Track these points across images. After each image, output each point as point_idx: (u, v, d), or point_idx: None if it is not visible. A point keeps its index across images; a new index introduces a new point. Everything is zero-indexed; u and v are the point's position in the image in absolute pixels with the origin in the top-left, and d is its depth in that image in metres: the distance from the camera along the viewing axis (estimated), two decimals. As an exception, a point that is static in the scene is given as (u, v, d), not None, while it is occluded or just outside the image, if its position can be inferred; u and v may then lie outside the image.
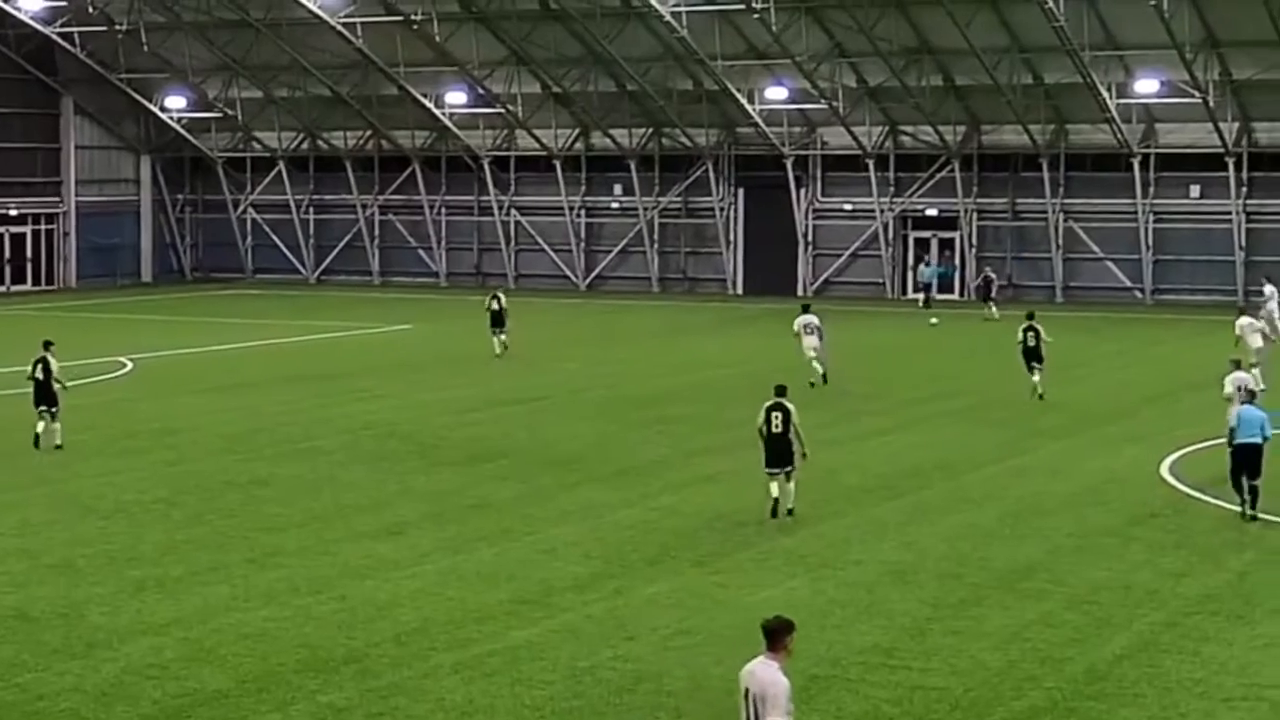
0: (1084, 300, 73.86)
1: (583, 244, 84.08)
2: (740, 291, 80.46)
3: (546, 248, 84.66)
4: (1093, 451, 35.77)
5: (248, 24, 78.66)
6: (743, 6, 69.93)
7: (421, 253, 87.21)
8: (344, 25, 76.01)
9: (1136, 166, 73.34)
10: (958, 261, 78.16)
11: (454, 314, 70.31)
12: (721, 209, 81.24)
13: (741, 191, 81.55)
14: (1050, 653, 20.91)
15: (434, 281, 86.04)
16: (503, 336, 54.10)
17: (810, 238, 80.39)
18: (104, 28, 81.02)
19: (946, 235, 78.93)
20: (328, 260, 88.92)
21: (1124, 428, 38.86)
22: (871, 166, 77.95)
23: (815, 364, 46.17)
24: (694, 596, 23.52)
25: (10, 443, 36.62)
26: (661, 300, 77.76)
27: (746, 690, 14.40)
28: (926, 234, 79.57)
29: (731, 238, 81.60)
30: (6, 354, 54.11)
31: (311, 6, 74.95)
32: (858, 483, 32.19)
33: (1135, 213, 73.99)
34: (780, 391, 29.45)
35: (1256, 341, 44.46)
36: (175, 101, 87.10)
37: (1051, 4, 64.55)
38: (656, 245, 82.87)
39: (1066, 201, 75.73)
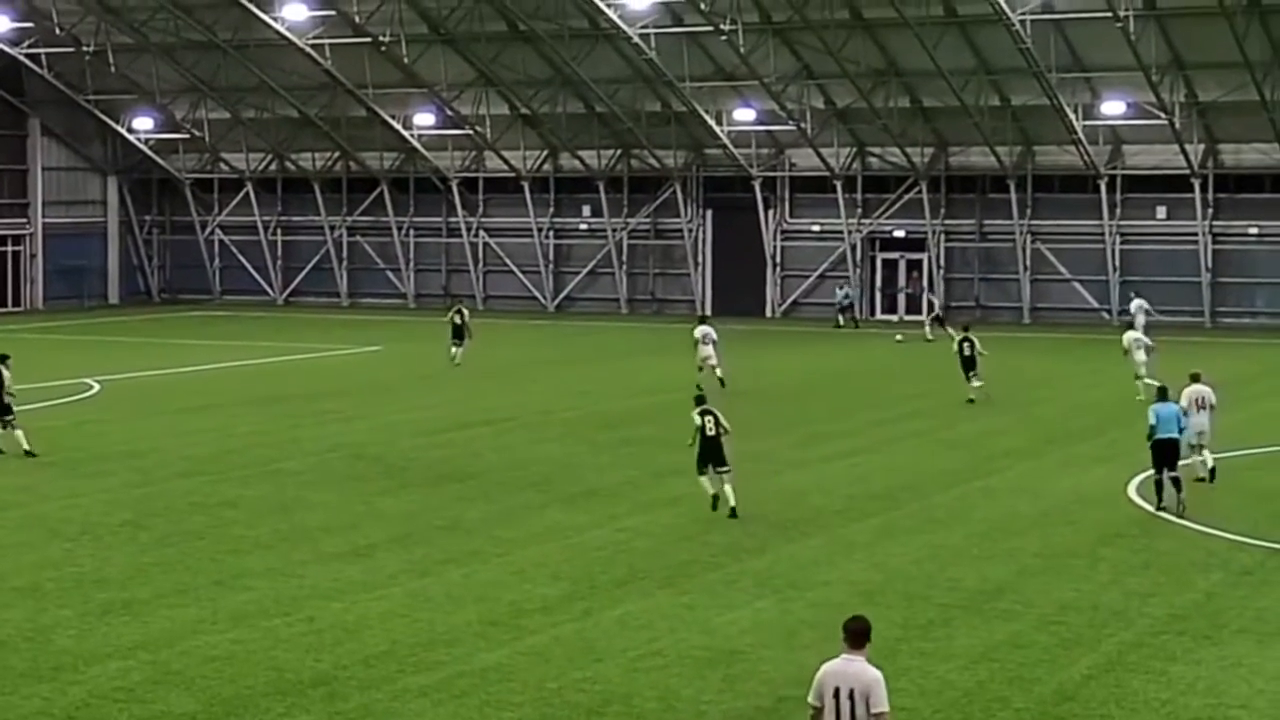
0: (1051, 321, 74.13)
1: (551, 265, 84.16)
2: (709, 313, 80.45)
3: (515, 269, 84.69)
4: (1060, 472, 35.85)
5: (215, 45, 78.62)
6: (711, 28, 70.18)
7: (390, 274, 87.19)
8: (312, 46, 76.03)
9: (1103, 188, 73.67)
10: (925, 283, 78.32)
11: (423, 335, 70.20)
12: (690, 230, 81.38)
13: (710, 213, 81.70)
14: (1019, 673, 20.93)
15: (402, 303, 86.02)
16: (460, 349, 56.77)
17: (778, 259, 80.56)
18: (71, 49, 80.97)
19: (914, 256, 79.15)
20: (296, 282, 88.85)
21: (1091, 448, 38.97)
22: (839, 188, 78.16)
23: (715, 370, 49.02)
24: (663, 618, 23.50)
25: (-24, 465, 36.49)
26: (630, 321, 77.84)
27: (837, 689, 14.59)
28: (894, 255, 79.80)
29: (700, 259, 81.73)
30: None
31: (279, 28, 74.95)
32: (825, 504, 32.21)
33: (1102, 234, 74.32)
34: (701, 400, 32.68)
35: (1141, 356, 47.37)
36: (143, 123, 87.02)
37: (1018, 26, 64.85)
38: (625, 266, 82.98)
39: (1034, 223, 76.02)
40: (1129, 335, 48.99)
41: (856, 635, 14.83)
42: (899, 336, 64.53)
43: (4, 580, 25.61)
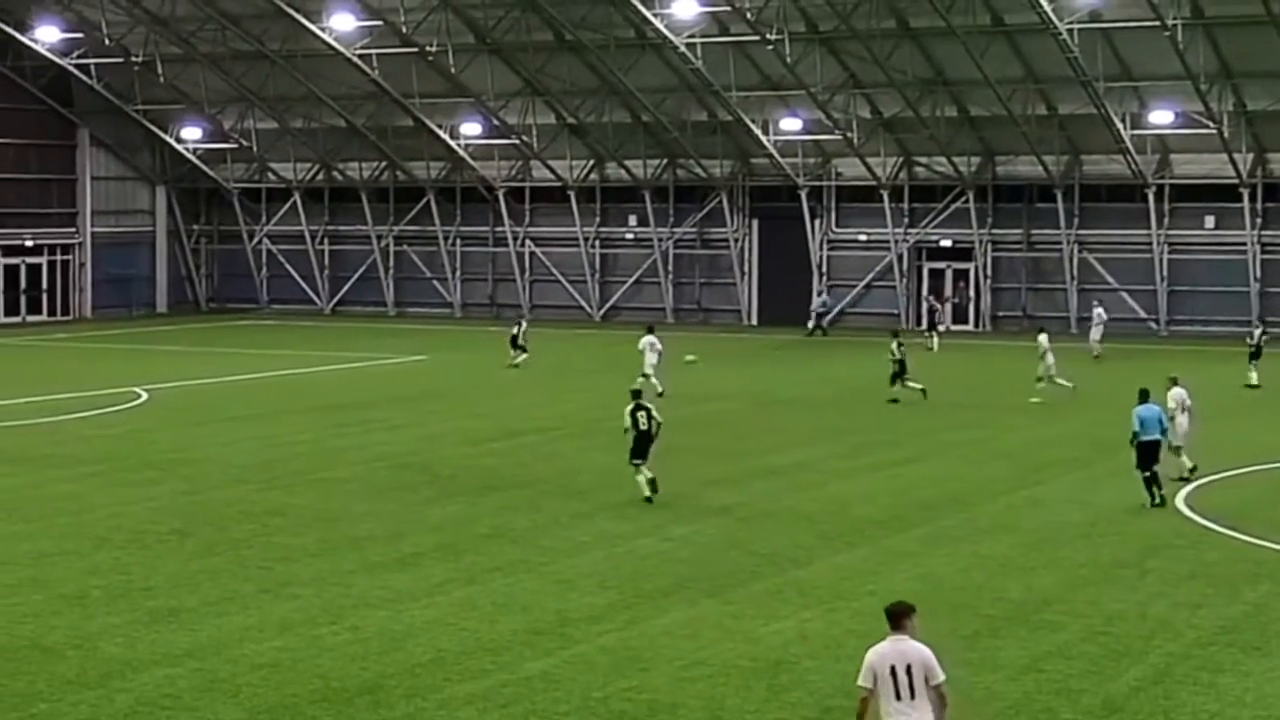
0: (1099, 331, 73.77)
1: (597, 275, 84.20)
2: (755, 322, 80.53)
3: (561, 278, 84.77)
4: (1108, 482, 35.70)
5: (263, 55, 78.95)
6: (757, 38, 70.15)
7: (436, 283, 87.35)
8: (359, 56, 76.28)
9: (1151, 197, 73.39)
10: (972, 293, 78.20)
11: (469, 344, 70.41)
12: (736, 240, 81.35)
13: (756, 222, 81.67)
14: (1066, 684, 20.85)
15: (449, 312, 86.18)
16: (518, 357, 59.33)
17: (825, 268, 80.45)
18: (120, 59, 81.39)
19: (961, 266, 78.98)
20: (343, 291, 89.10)
21: (1139, 459, 38.79)
22: (886, 197, 78.04)
23: (653, 380, 50.01)
24: (709, 627, 23.48)
25: (25, 475, 36.66)
26: (676, 331, 77.78)
27: (893, 667, 15.29)
28: (941, 265, 79.62)
29: (746, 268, 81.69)
30: (23, 385, 54.31)
31: (327, 38, 75.24)
32: (869, 514, 32.15)
33: (1150, 244, 74.03)
34: (636, 394, 35.17)
35: (1049, 358, 49.54)
36: (191, 132, 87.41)
37: (1066, 35, 64.65)
38: (671, 276, 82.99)
39: (1081, 232, 75.78)
40: (1043, 338, 50.83)
41: (899, 617, 15.60)
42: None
43: (52, 588, 25.73)
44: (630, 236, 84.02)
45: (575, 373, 59.27)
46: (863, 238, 79.96)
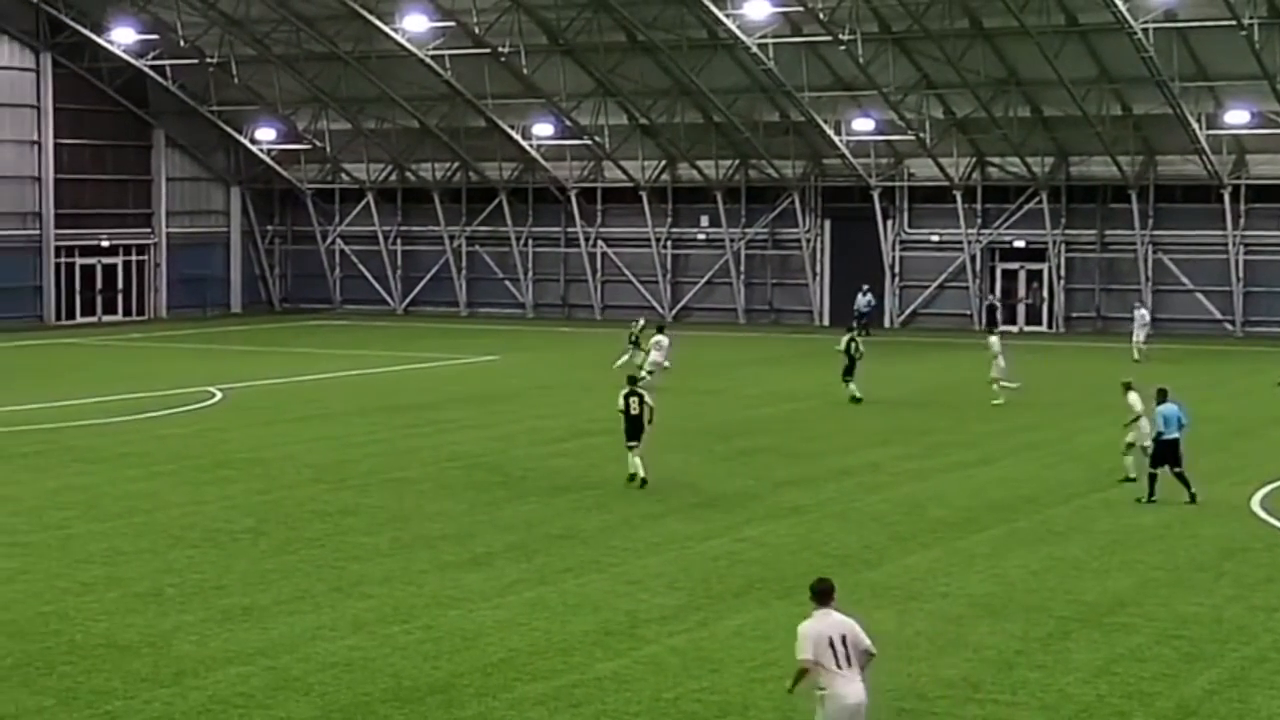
0: (1173, 333, 73.24)
1: (669, 275, 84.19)
2: (826, 323, 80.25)
3: (632, 279, 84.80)
4: (1182, 484, 35.44)
5: (337, 57, 79.31)
6: (830, 38, 70.03)
7: (508, 284, 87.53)
8: (432, 58, 76.52)
9: (1227, 198, 72.88)
10: (1045, 294, 77.88)
11: (540, 345, 70.53)
12: (808, 240, 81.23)
13: (828, 223, 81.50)
14: (1139, 687, 20.73)
15: (520, 313, 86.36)
16: (637, 356, 56.14)
17: (897, 269, 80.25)
18: (195, 61, 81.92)
19: (1034, 267, 78.64)
20: (415, 291, 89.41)
21: (1214, 461, 38.44)
22: (959, 198, 77.77)
23: (652, 373, 51.84)
24: (780, 629, 23.39)
25: (101, 474, 36.93)
26: (747, 332, 77.74)
27: (830, 639, 16.62)
28: (1014, 265, 79.28)
29: (817, 269, 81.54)
30: (99, 384, 54.72)
31: (400, 39, 75.52)
32: (942, 515, 32.04)
33: (1226, 244, 73.50)
34: (632, 381, 36.74)
35: (1001, 363, 49.71)
36: (265, 133, 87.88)
37: (1140, 35, 64.27)
38: (743, 276, 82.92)
39: (1156, 233, 75.31)
40: (994, 340, 51.34)
41: (824, 594, 16.97)
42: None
43: (127, 586, 25.90)
44: (702, 237, 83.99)
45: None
46: (935, 238, 79.71)
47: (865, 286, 77.04)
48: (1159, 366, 56.59)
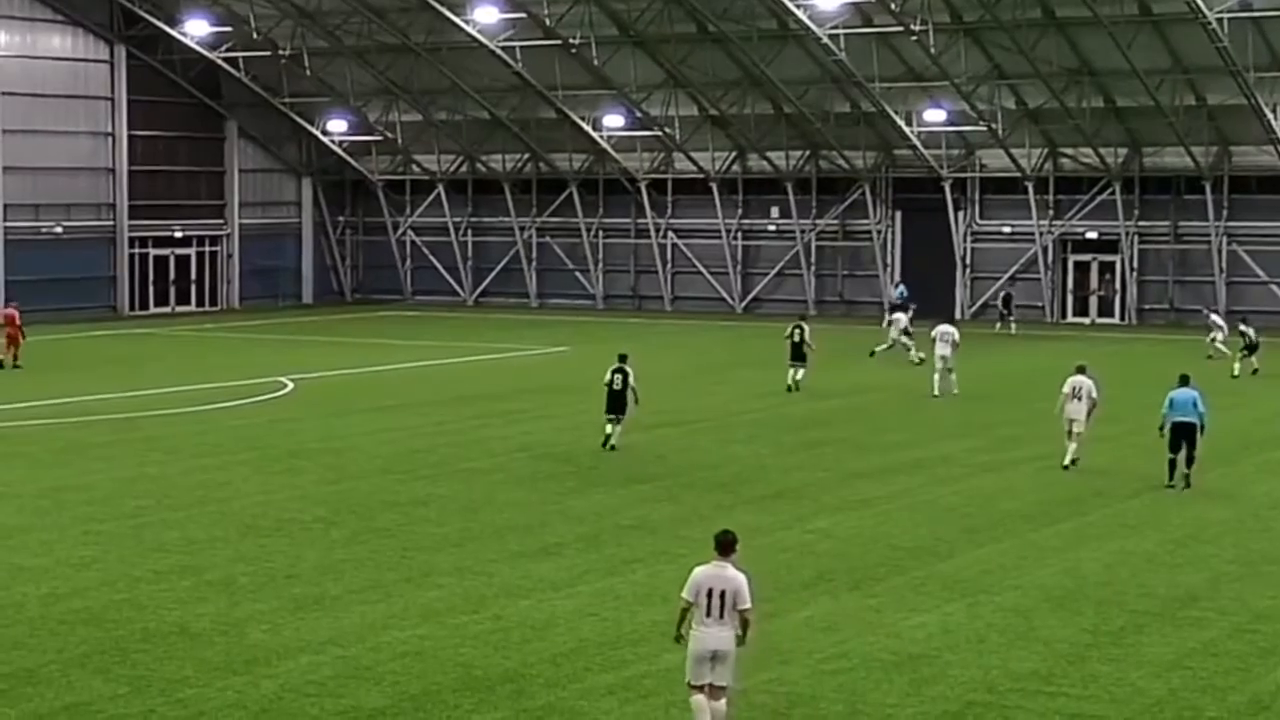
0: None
1: (739, 266, 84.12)
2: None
3: (703, 270, 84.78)
4: (1255, 478, 35.25)
5: (408, 48, 79.54)
6: (901, 29, 69.81)
7: (579, 275, 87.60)
8: (503, 49, 76.62)
9: (1303, 189, 72.35)
10: (1118, 285, 77.50)
11: (611, 336, 70.48)
12: (879, 231, 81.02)
13: (899, 214, 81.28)
14: (1212, 681, 20.62)
15: (590, 304, 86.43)
16: (799, 373, 50.65)
17: (969, 261, 79.97)
18: (268, 53, 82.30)
19: (1107, 259, 78.22)
20: (485, 282, 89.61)
21: (1288, 454, 38.30)
22: (1031, 189, 77.42)
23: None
24: (849, 621, 23.41)
25: (175, 464, 37.17)
26: (818, 323, 77.47)
27: (710, 589, 17.64)
28: (1086, 257, 78.91)
29: (889, 260, 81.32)
30: (172, 374, 55.07)
31: (471, 31, 75.66)
32: (1014, 508, 31.93)
33: (1301, 236, 72.97)
34: (622, 359, 39.19)
35: (945, 350, 49.52)
36: (336, 125, 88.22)
37: (1215, 24, 63.78)
38: (813, 268, 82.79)
39: (1230, 224, 74.79)
40: (937, 329, 50.36)
41: (726, 546, 17.85)
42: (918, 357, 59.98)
43: (200, 574, 26.08)
44: (772, 228, 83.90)
45: (715, 366, 59.24)
46: (1007, 230, 79.37)
47: (897, 279, 77.09)
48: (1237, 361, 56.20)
